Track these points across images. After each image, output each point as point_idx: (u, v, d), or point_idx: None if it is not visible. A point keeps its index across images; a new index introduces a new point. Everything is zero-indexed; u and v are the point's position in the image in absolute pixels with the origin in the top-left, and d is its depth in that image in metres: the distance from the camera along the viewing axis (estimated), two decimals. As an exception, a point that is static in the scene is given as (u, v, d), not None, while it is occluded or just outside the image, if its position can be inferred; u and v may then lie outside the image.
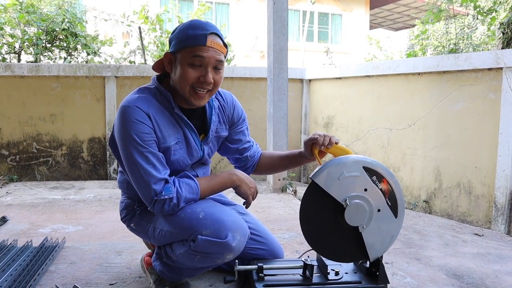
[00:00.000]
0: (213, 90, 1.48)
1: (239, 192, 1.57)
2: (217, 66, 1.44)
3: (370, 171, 1.46)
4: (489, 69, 3.00)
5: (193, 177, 1.50)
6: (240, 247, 1.44)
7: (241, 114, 1.74)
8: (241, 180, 1.56)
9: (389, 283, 1.56)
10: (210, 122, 1.60)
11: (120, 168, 1.68)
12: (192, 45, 1.40)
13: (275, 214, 3.05)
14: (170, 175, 1.51)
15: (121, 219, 1.71)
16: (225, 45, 1.47)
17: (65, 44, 5.61)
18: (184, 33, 1.42)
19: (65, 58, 5.64)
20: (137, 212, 1.64)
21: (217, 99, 1.66)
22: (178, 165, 1.56)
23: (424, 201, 3.52)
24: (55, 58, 5.66)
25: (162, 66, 1.54)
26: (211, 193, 1.55)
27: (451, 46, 6.39)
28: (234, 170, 1.60)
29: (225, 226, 1.41)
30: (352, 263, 1.70)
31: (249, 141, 1.79)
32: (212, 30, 1.42)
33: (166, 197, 1.41)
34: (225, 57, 1.48)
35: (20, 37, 5.42)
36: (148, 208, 1.47)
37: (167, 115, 1.49)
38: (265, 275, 1.57)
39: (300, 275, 1.59)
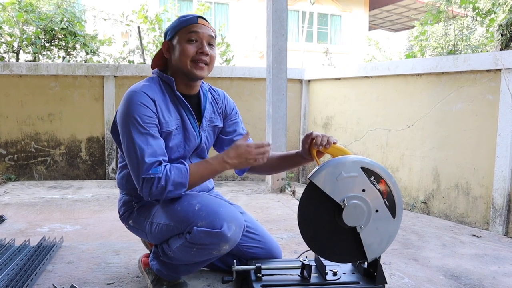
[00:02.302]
0: (210, 64, 1.59)
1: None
2: (210, 42, 1.58)
3: (368, 172, 1.46)
4: (488, 70, 3.01)
5: (184, 162, 1.51)
6: (236, 238, 1.44)
7: (233, 107, 1.83)
8: (234, 164, 1.52)
9: (386, 283, 1.56)
10: (204, 109, 1.68)
11: (120, 164, 1.69)
12: (186, 25, 1.55)
13: (274, 215, 3.05)
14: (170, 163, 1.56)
15: (120, 217, 1.72)
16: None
17: (63, 43, 5.60)
18: (177, 21, 1.59)
19: (63, 58, 5.63)
20: (135, 208, 1.66)
21: (210, 92, 1.75)
22: (177, 150, 1.59)
23: (422, 202, 3.53)
24: (54, 57, 5.65)
25: (160, 61, 1.65)
26: (201, 177, 1.52)
27: (450, 47, 6.41)
28: (226, 157, 1.51)
29: (220, 216, 1.42)
30: (350, 264, 1.70)
31: (243, 134, 1.81)
32: (199, 15, 1.60)
33: (152, 176, 1.42)
34: (215, 37, 1.62)
35: (19, 36, 5.41)
36: (139, 192, 1.48)
37: (169, 100, 1.58)
38: (263, 275, 1.57)
39: (298, 275, 1.59)
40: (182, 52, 1.53)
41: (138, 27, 5.71)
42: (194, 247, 1.44)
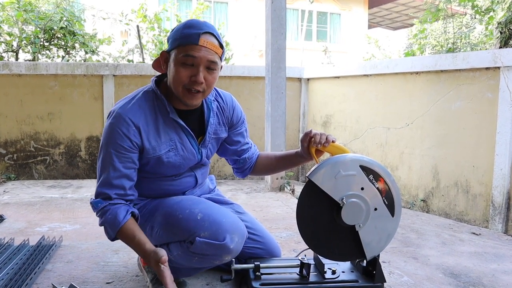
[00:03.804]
0: (206, 90, 1.44)
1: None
2: (210, 67, 1.40)
3: (367, 170, 1.46)
4: (487, 68, 3.01)
5: (126, 216, 1.41)
6: (238, 249, 1.44)
7: (241, 116, 1.72)
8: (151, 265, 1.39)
9: (386, 282, 1.56)
10: (207, 124, 1.58)
11: None
12: (184, 44, 1.37)
13: (273, 213, 3.05)
14: (171, 176, 1.56)
15: None
16: (221, 46, 1.44)
17: (63, 43, 5.60)
18: (179, 32, 1.40)
19: (63, 57, 5.63)
20: None
21: (216, 100, 1.64)
22: (175, 169, 1.55)
23: (421, 200, 3.53)
24: (53, 57, 5.65)
25: (160, 64, 1.53)
26: (127, 243, 1.44)
27: (449, 45, 6.40)
28: (148, 257, 1.36)
29: (223, 228, 1.41)
30: (349, 262, 1.70)
31: (248, 143, 1.77)
32: (206, 29, 1.39)
33: (92, 205, 1.44)
34: (221, 58, 1.45)
35: (18, 35, 5.41)
36: None
37: (161, 121, 1.48)
38: (262, 274, 1.57)
39: (297, 274, 1.59)
40: (174, 76, 1.39)
41: (137, 26, 5.71)
42: (196, 256, 1.44)
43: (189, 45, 1.37)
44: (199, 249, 1.41)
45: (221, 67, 1.49)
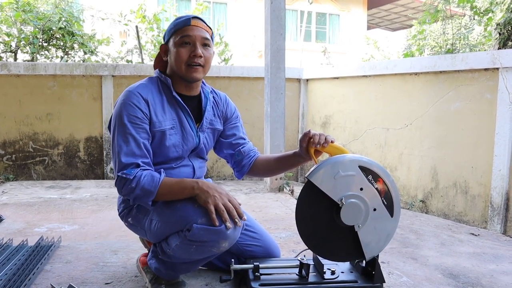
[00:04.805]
0: (205, 65, 1.59)
1: (199, 201, 1.46)
2: (205, 43, 1.58)
3: (366, 170, 1.46)
4: (486, 69, 3.01)
5: (162, 173, 1.51)
6: (235, 235, 1.45)
7: (234, 111, 1.83)
8: (200, 189, 1.45)
9: (385, 282, 1.56)
10: (205, 111, 1.68)
11: None
12: (179, 29, 1.57)
13: (272, 214, 3.05)
14: (167, 162, 1.60)
15: (119, 214, 1.71)
16: (209, 27, 1.63)
17: (62, 43, 5.60)
18: (171, 24, 1.61)
19: (61, 57, 5.62)
20: (134, 206, 1.65)
21: (212, 95, 1.75)
22: (175, 150, 1.60)
23: (420, 200, 3.53)
24: (52, 57, 5.65)
25: (161, 63, 1.68)
26: (170, 194, 1.49)
27: (448, 46, 6.41)
28: (199, 180, 1.50)
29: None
30: (348, 262, 1.70)
31: (244, 138, 1.83)
32: (194, 16, 1.60)
33: (125, 176, 1.46)
34: (212, 39, 1.62)
35: (17, 35, 5.41)
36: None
37: (165, 100, 1.60)
38: (261, 274, 1.57)
39: (296, 274, 1.59)
40: (176, 56, 1.56)
41: (136, 27, 5.71)
42: (193, 245, 1.44)
43: (183, 27, 1.56)
44: (196, 235, 1.42)
45: (214, 52, 1.67)
